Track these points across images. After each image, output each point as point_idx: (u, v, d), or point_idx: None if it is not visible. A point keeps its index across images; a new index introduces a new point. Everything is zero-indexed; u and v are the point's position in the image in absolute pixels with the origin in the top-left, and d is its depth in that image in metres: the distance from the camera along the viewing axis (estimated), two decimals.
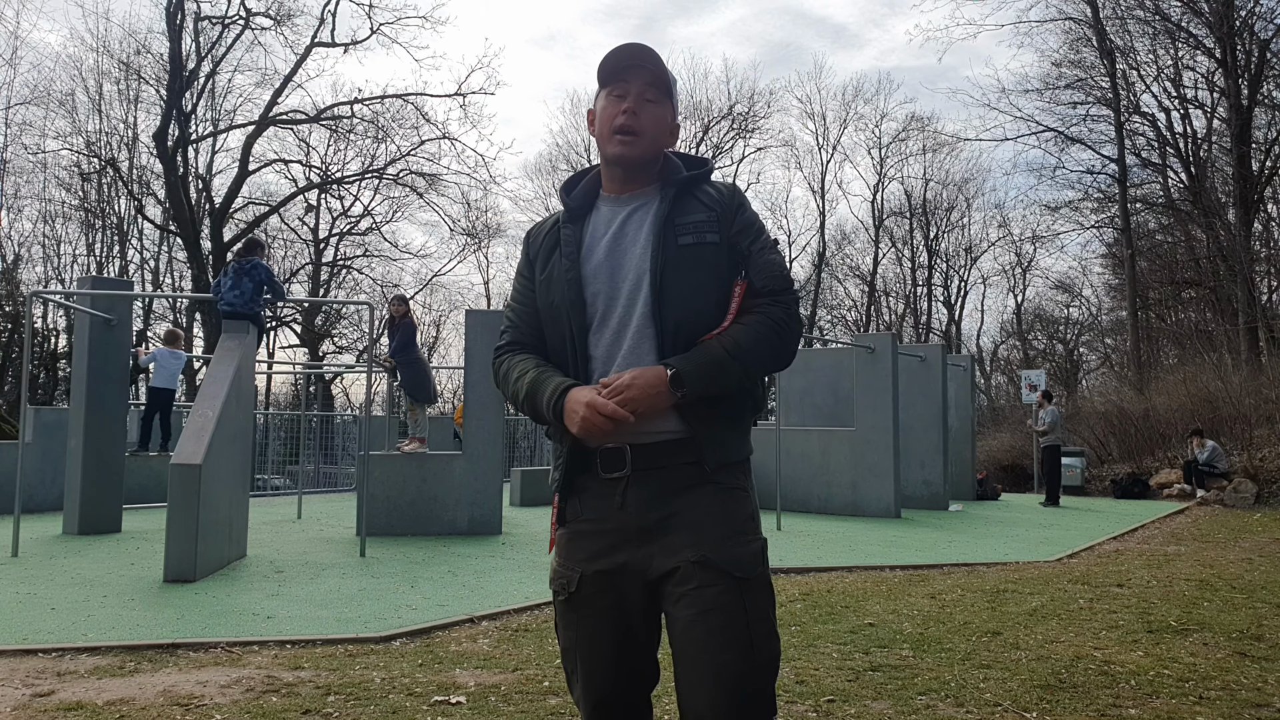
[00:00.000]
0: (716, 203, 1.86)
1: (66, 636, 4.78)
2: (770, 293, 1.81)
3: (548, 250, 1.91)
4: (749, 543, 1.75)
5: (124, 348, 9.89)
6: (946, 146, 37.93)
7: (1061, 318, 38.33)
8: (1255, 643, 4.89)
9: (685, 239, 1.81)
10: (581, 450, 1.79)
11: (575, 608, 1.79)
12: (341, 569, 7.23)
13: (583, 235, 1.88)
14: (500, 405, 10.24)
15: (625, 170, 1.88)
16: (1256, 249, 25.33)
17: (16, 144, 28.39)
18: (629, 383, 1.70)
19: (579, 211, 1.92)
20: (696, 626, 1.65)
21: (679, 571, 1.69)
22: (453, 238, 37.51)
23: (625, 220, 1.87)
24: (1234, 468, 16.25)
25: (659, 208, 1.85)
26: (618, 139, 1.84)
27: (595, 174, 1.96)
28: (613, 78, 1.88)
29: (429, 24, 55.55)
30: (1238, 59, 24.72)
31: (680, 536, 1.71)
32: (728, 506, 1.76)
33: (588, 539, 1.79)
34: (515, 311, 1.95)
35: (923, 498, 13.80)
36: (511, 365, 1.89)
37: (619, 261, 1.83)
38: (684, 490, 1.74)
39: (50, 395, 26.77)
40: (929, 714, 3.62)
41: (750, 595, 1.69)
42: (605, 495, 1.77)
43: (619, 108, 1.85)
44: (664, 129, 1.89)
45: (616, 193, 1.90)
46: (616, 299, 1.81)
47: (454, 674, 4.17)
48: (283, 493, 16.98)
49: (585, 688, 1.80)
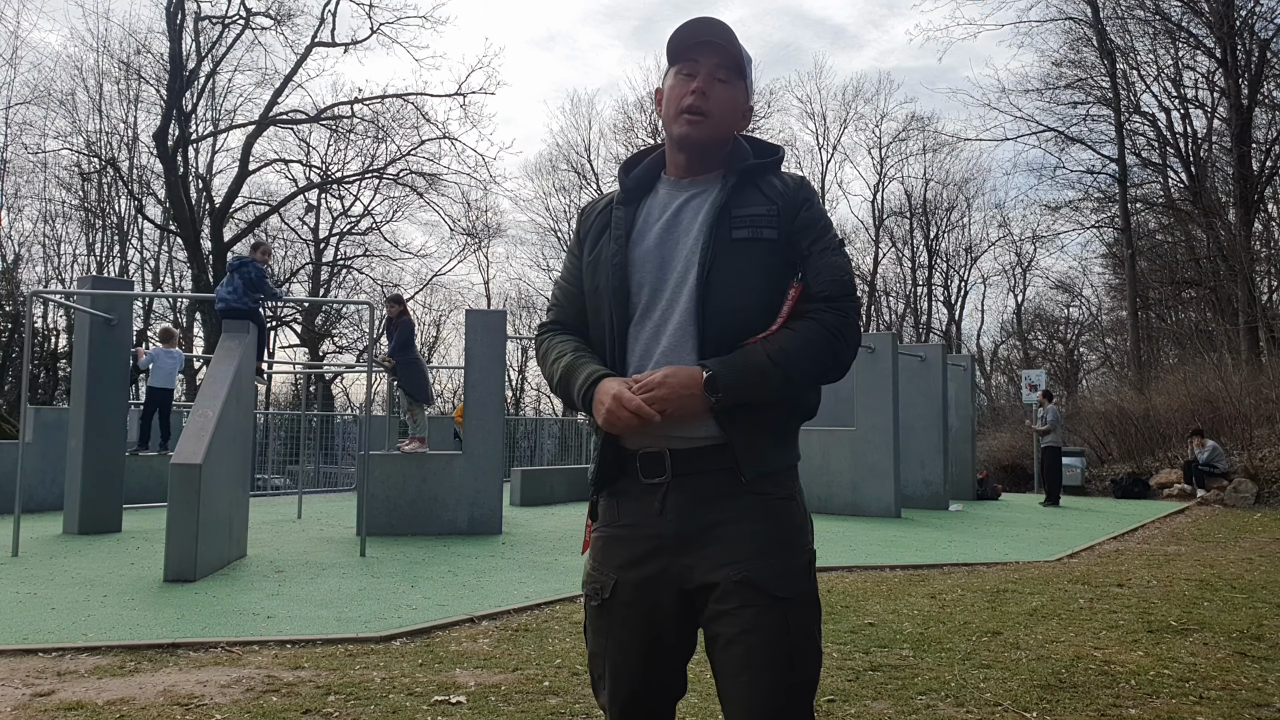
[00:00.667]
0: (780, 195, 1.73)
1: (67, 636, 4.78)
2: (828, 298, 1.68)
3: (598, 230, 1.81)
4: (794, 558, 1.66)
5: (124, 348, 9.89)
6: (946, 146, 37.97)
7: (1061, 318, 38.39)
8: (1255, 643, 4.89)
9: (740, 232, 1.69)
10: (617, 449, 1.70)
11: (608, 614, 1.72)
12: (341, 569, 7.23)
13: (635, 218, 1.78)
14: (500, 405, 10.25)
15: (690, 153, 1.76)
16: (1256, 249, 25.33)
17: (17, 144, 28.44)
18: (660, 381, 1.61)
19: (636, 193, 1.81)
20: (736, 645, 1.59)
21: (719, 588, 1.61)
22: (453, 238, 37.59)
23: (682, 206, 1.76)
24: (1234, 468, 16.25)
25: (717, 196, 1.73)
26: (685, 118, 1.73)
27: (659, 154, 1.84)
28: (682, 55, 1.76)
29: (429, 24, 55.78)
30: (1238, 59, 24.72)
31: (721, 549, 1.63)
32: (773, 519, 1.66)
33: (624, 544, 1.71)
34: (563, 290, 1.86)
35: (923, 498, 13.81)
36: (551, 346, 1.81)
37: (670, 251, 1.72)
38: (726, 499, 1.65)
39: (50, 395, 26.77)
40: (929, 714, 3.62)
41: (792, 614, 1.61)
42: (644, 500, 1.68)
43: (688, 87, 1.74)
44: (735, 111, 1.78)
45: (678, 176, 1.79)
46: (662, 291, 1.70)
47: (454, 674, 4.17)
48: (283, 492, 16.98)
49: (613, 694, 1.74)
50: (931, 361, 14.37)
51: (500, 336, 10.31)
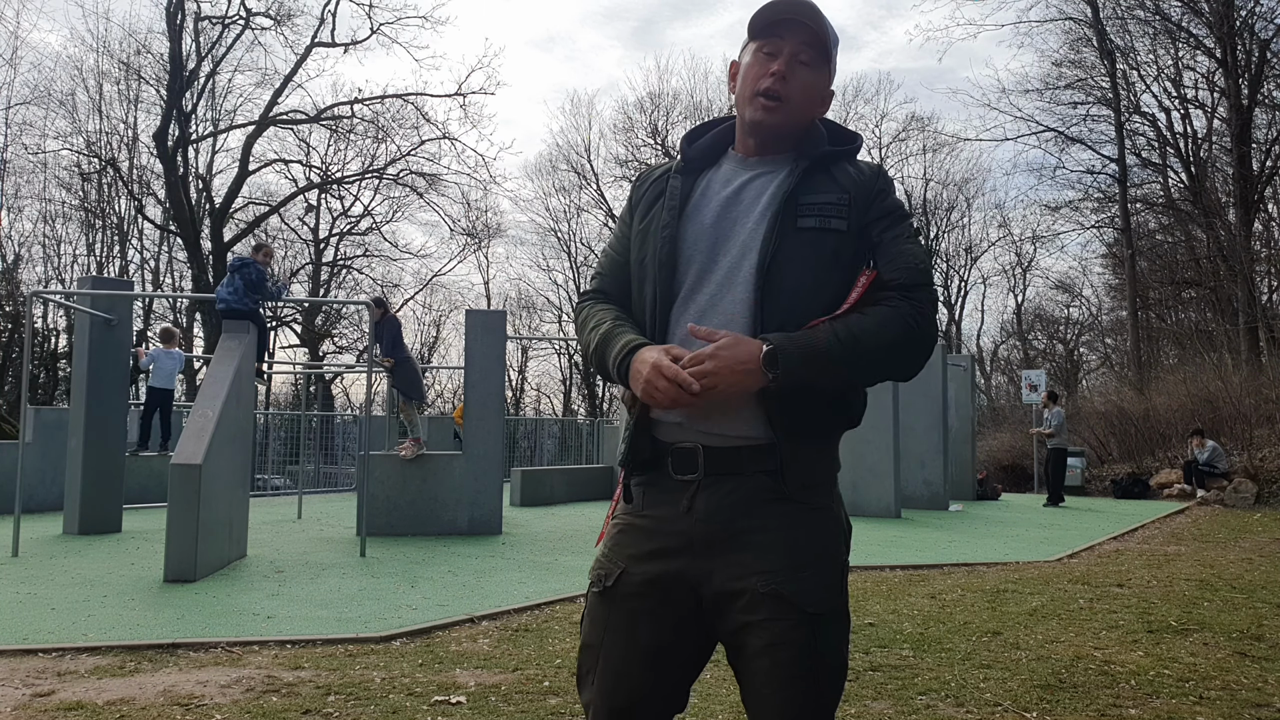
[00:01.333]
0: (854, 184, 1.61)
1: (67, 636, 4.78)
2: (901, 286, 1.55)
3: (651, 199, 1.69)
4: (827, 572, 1.55)
5: (124, 348, 9.90)
6: (946, 146, 38.02)
7: (1061, 318, 38.39)
8: (1255, 643, 4.89)
9: (806, 221, 1.57)
10: (650, 438, 1.59)
11: (609, 603, 1.61)
12: (341, 569, 7.23)
13: (693, 190, 1.66)
14: (501, 405, 10.25)
15: (762, 138, 1.65)
16: (1256, 249, 25.32)
17: (17, 144, 28.41)
18: (714, 353, 1.47)
19: (698, 164, 1.69)
20: (762, 659, 1.50)
21: (746, 597, 1.51)
22: (453, 238, 37.57)
23: (745, 185, 1.63)
24: (1234, 468, 16.25)
25: (784, 180, 1.61)
26: (760, 102, 1.61)
27: (728, 126, 1.72)
28: (765, 32, 1.64)
29: (429, 24, 55.77)
30: (1238, 59, 24.72)
31: (750, 557, 1.52)
32: (810, 530, 1.56)
33: (641, 535, 1.60)
34: (609, 260, 1.74)
35: (923, 498, 13.81)
36: (590, 314, 1.70)
37: (726, 231, 1.60)
38: (761, 505, 1.54)
39: (50, 395, 26.76)
40: (929, 714, 3.62)
41: (822, 630, 1.51)
42: (673, 496, 1.57)
43: (767, 68, 1.61)
44: (815, 97, 1.66)
45: (747, 154, 1.67)
46: (711, 272, 1.59)
47: (454, 674, 4.17)
48: (283, 493, 16.99)
49: (600, 691, 1.61)
50: (931, 361, 14.34)
51: (500, 337, 10.31)
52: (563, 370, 40.08)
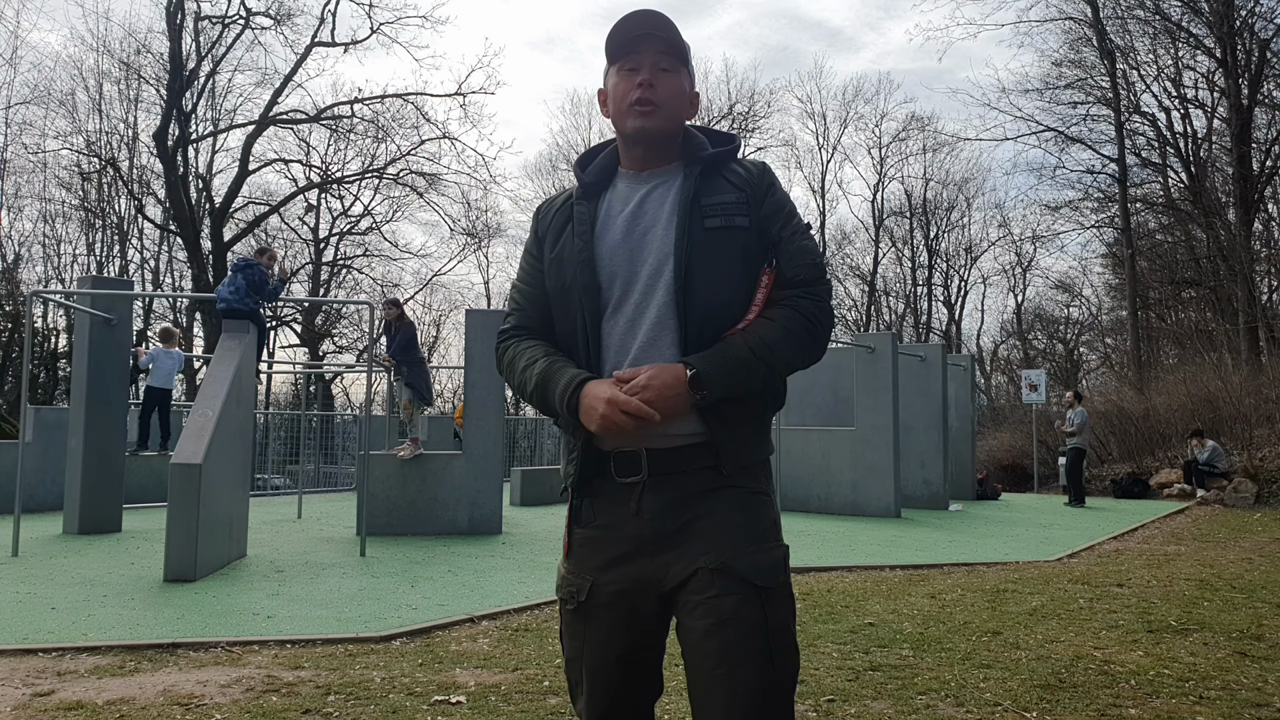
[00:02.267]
0: (746, 183, 1.71)
1: (67, 636, 4.78)
2: (801, 283, 1.68)
3: (558, 227, 1.76)
4: (771, 549, 1.63)
5: (124, 348, 9.90)
6: (946, 146, 38.04)
7: (1061, 317, 38.39)
8: (1255, 643, 4.89)
9: (713, 221, 1.66)
10: (596, 449, 1.67)
11: (584, 618, 1.68)
12: (341, 569, 7.23)
13: (597, 212, 1.73)
14: (500, 405, 10.24)
15: (647, 145, 1.73)
16: (1256, 249, 25.33)
17: (16, 144, 28.41)
18: (645, 383, 1.57)
19: (594, 188, 1.77)
20: (713, 638, 1.54)
21: (695, 578, 1.58)
22: (453, 237, 37.58)
23: (645, 198, 1.72)
24: (1234, 468, 16.25)
25: (683, 185, 1.70)
26: (636, 110, 1.69)
27: (613, 149, 1.81)
28: (622, 51, 1.73)
29: (429, 24, 55.78)
30: (1238, 59, 24.72)
31: (699, 541, 1.60)
32: (749, 511, 1.64)
33: (600, 546, 1.67)
34: (522, 294, 1.80)
35: (923, 498, 13.81)
36: (518, 353, 1.74)
37: (638, 243, 1.68)
38: (703, 495, 1.63)
39: (50, 395, 26.75)
40: (929, 714, 3.62)
41: (771, 605, 1.57)
42: (620, 500, 1.65)
43: (633, 81, 1.71)
44: (683, 99, 1.75)
45: (636, 169, 1.76)
46: (634, 283, 1.66)
47: (454, 674, 4.17)
48: (283, 492, 16.99)
49: (590, 700, 1.70)
50: (931, 361, 14.37)
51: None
52: None
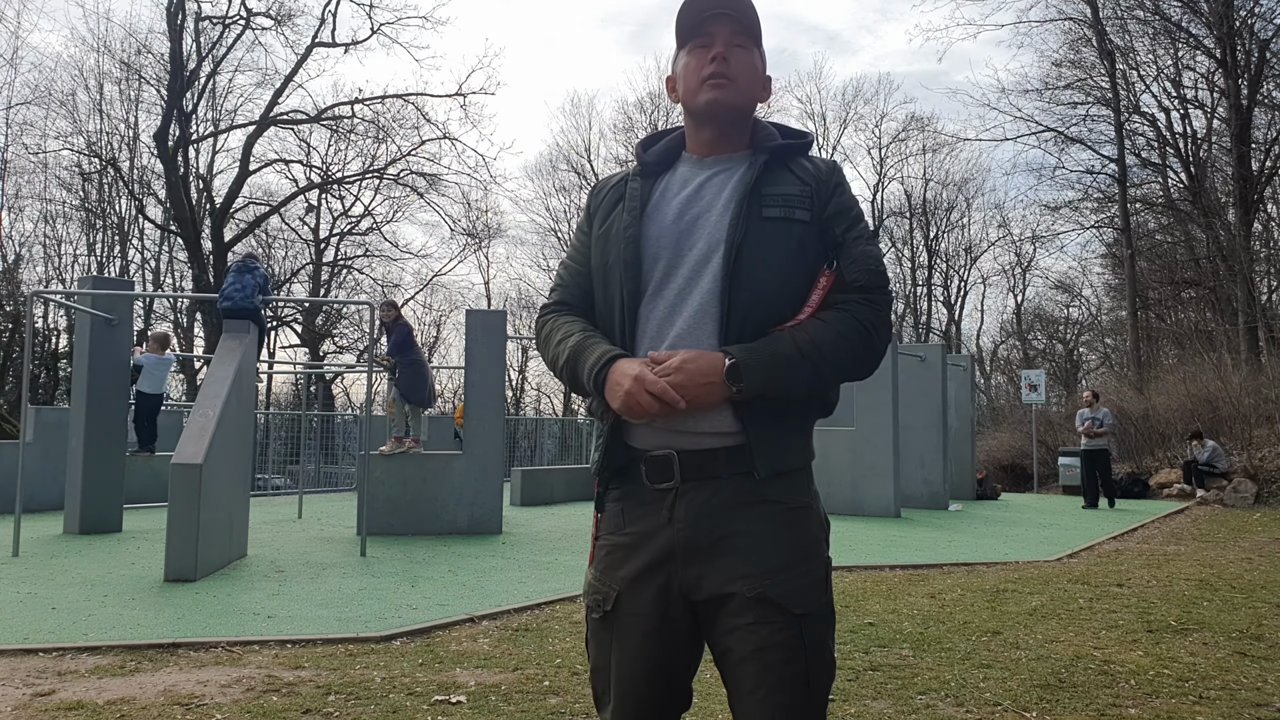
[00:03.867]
0: (812, 177, 1.65)
1: (67, 636, 4.78)
2: (862, 289, 1.59)
3: (610, 204, 1.71)
4: (811, 571, 1.56)
5: (124, 348, 9.89)
6: (946, 146, 37.99)
7: (1061, 318, 38.37)
8: (1255, 643, 4.89)
9: (771, 211, 1.59)
10: (624, 443, 1.60)
11: (610, 627, 1.62)
12: (342, 569, 7.23)
13: (652, 192, 1.68)
14: (501, 405, 10.25)
15: (719, 123, 1.66)
16: (1256, 249, 25.33)
17: (17, 144, 28.42)
18: (679, 366, 1.49)
19: (654, 168, 1.72)
20: (750, 663, 1.50)
21: (733, 601, 1.52)
22: (453, 238, 37.55)
23: (704, 183, 1.66)
24: (1234, 468, 16.25)
25: (745, 174, 1.63)
26: (710, 83, 1.63)
27: (679, 134, 1.75)
28: (694, 33, 1.67)
29: (429, 24, 55.86)
30: (1238, 59, 24.72)
31: (735, 560, 1.53)
32: (790, 530, 1.56)
33: (629, 553, 1.60)
34: (568, 270, 1.76)
35: (923, 497, 13.81)
36: (555, 327, 1.70)
37: (689, 226, 1.62)
38: (740, 507, 1.55)
39: (51, 395, 26.75)
40: (929, 714, 3.63)
41: (809, 630, 1.52)
42: (652, 506, 1.58)
43: (705, 57, 1.64)
44: (757, 78, 1.68)
45: (702, 154, 1.70)
46: (678, 267, 1.60)
47: (454, 673, 4.17)
48: (283, 492, 16.99)
49: (618, 711, 1.63)
50: (931, 361, 14.37)
51: (500, 336, 10.31)
52: None
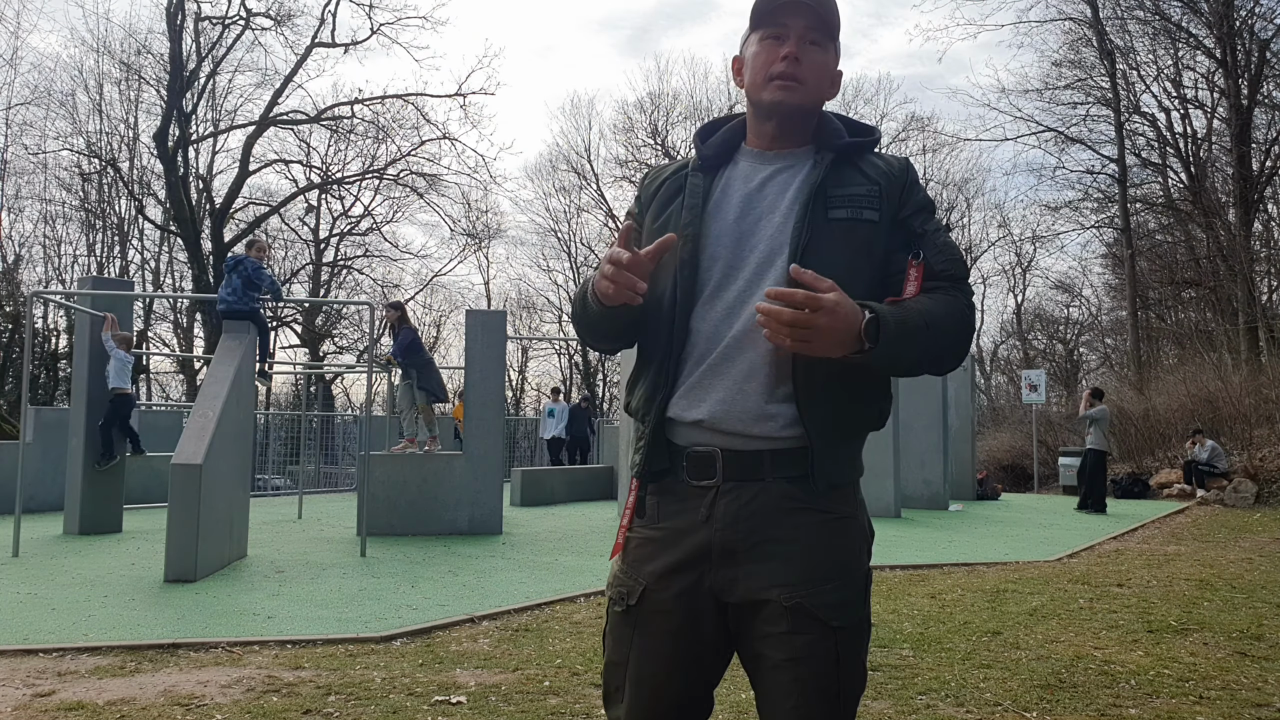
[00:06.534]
0: (883, 175, 1.57)
1: (67, 636, 4.78)
2: (952, 278, 1.52)
3: (667, 197, 1.63)
4: (851, 583, 1.51)
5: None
6: (946, 146, 37.97)
7: (1061, 318, 38.36)
8: (1255, 643, 4.89)
9: (838, 213, 1.52)
10: (667, 441, 1.54)
11: (633, 623, 1.56)
12: (342, 569, 7.23)
13: (713, 188, 1.60)
14: (501, 405, 10.25)
15: (781, 122, 1.59)
16: (1256, 249, 25.31)
17: (17, 144, 28.41)
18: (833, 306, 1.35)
19: (714, 161, 1.63)
20: (783, 672, 1.46)
21: (767, 608, 1.47)
22: (453, 238, 37.52)
23: (767, 180, 1.59)
24: (1234, 467, 16.25)
25: (810, 173, 1.56)
26: (776, 84, 1.56)
27: (739, 124, 1.67)
28: (769, 19, 1.59)
29: (429, 24, 55.95)
30: (1238, 59, 24.71)
31: (773, 567, 1.48)
32: (833, 540, 1.51)
33: (660, 548, 1.54)
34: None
35: (923, 498, 13.81)
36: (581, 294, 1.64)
37: (751, 228, 1.55)
38: (784, 513, 1.49)
39: (51, 395, 26.74)
40: (929, 714, 3.63)
41: (844, 642, 1.48)
42: (691, 503, 1.52)
43: (778, 52, 1.56)
44: (827, 78, 1.61)
45: (764, 148, 1.62)
46: (738, 271, 1.53)
47: (454, 674, 4.17)
48: (283, 493, 17.00)
49: (631, 709, 1.58)
50: None
51: (500, 337, 10.31)
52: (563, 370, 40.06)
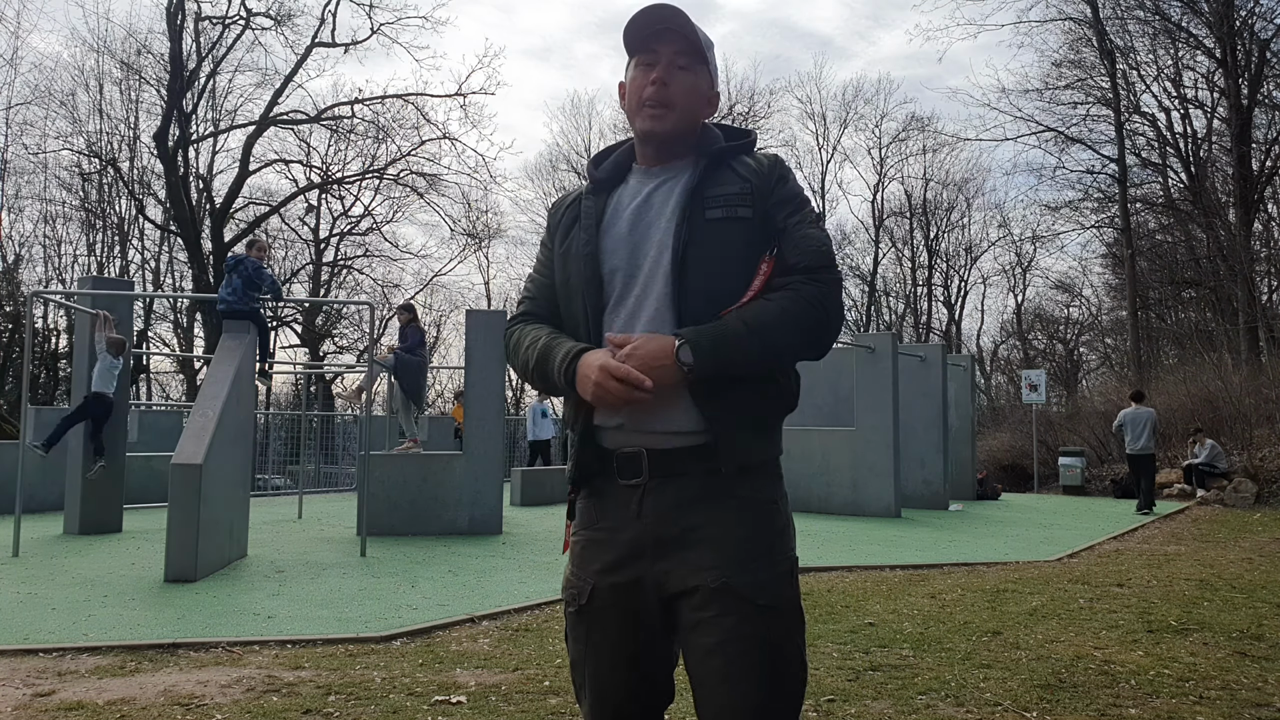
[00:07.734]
0: (754, 174, 1.68)
1: (67, 636, 4.78)
2: (806, 269, 1.62)
3: (569, 223, 1.77)
4: (775, 565, 1.60)
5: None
6: (946, 146, 38.01)
7: (1061, 318, 38.36)
8: (1255, 643, 4.89)
9: (714, 212, 1.64)
10: (596, 446, 1.66)
11: (586, 620, 1.67)
12: (342, 569, 7.23)
13: (605, 207, 1.73)
14: (501, 405, 10.24)
15: (658, 146, 1.72)
16: (1256, 249, 25.32)
17: (17, 144, 28.44)
18: (631, 351, 1.55)
19: (606, 183, 1.77)
20: (714, 656, 1.53)
21: (697, 594, 1.56)
22: (453, 238, 37.52)
23: (652, 192, 1.71)
24: (1234, 468, 16.25)
25: (688, 179, 1.69)
26: (647, 112, 1.68)
27: (629, 146, 1.81)
28: (640, 46, 1.71)
29: (429, 24, 55.96)
30: (1238, 59, 24.72)
31: (700, 554, 1.57)
32: (755, 524, 1.60)
33: (602, 548, 1.65)
34: (535, 283, 1.83)
35: (923, 498, 13.81)
36: (523, 335, 1.76)
37: (641, 236, 1.67)
38: (705, 501, 1.59)
39: (51, 395, 26.74)
40: (929, 714, 3.63)
41: (775, 623, 1.55)
42: (622, 502, 1.63)
43: (647, 78, 1.68)
44: (698, 99, 1.72)
45: (649, 165, 1.75)
46: (636, 276, 1.66)
47: (454, 674, 4.17)
48: (283, 492, 17.00)
49: (594, 704, 1.69)
50: (931, 361, 14.37)
51: (500, 336, 10.30)
52: None
